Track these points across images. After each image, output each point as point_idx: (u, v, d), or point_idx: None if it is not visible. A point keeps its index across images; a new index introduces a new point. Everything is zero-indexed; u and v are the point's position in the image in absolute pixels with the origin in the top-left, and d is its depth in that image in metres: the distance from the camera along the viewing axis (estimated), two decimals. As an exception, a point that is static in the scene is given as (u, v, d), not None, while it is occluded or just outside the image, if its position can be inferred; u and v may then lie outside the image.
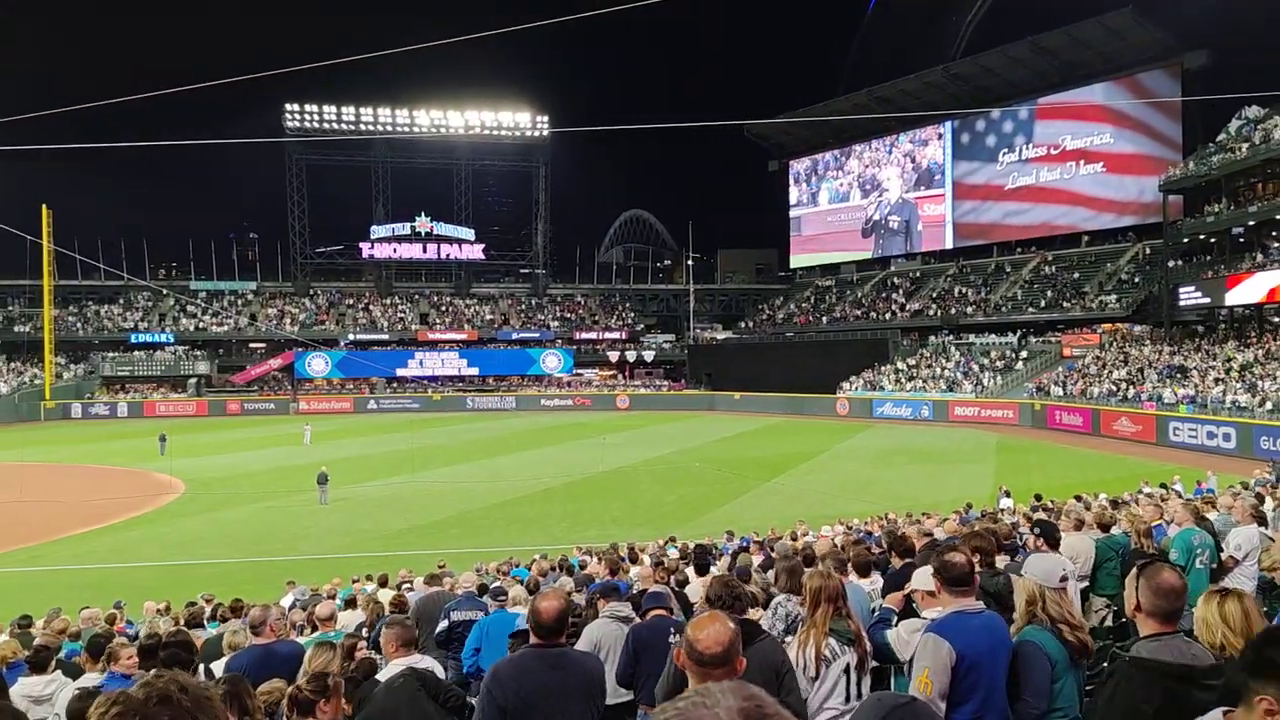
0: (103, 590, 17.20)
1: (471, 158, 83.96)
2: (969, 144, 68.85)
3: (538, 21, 12.40)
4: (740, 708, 0.76)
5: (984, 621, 3.85)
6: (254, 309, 76.58)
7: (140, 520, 27.22)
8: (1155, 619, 3.06)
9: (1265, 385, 36.05)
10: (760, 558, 12.49)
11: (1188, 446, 36.01)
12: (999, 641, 3.80)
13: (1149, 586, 3.07)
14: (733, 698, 0.77)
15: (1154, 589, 3.06)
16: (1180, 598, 3.05)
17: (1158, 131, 56.84)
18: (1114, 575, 8.07)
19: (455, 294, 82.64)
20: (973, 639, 3.69)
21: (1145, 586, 3.09)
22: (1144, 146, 57.54)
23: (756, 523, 22.04)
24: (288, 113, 74.32)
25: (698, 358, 75.06)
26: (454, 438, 48.44)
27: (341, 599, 12.45)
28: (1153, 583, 3.07)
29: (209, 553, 22.78)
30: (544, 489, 31.67)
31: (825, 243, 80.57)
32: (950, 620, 3.81)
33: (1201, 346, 44.42)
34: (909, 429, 49.32)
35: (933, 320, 64.24)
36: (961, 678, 3.59)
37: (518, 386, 72.99)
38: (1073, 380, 47.16)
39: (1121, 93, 57.84)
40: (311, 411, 63.26)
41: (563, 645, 4.17)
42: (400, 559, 19.20)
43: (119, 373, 68.49)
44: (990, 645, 3.73)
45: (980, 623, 3.82)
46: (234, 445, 45.56)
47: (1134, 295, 54.05)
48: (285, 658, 6.07)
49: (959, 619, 3.80)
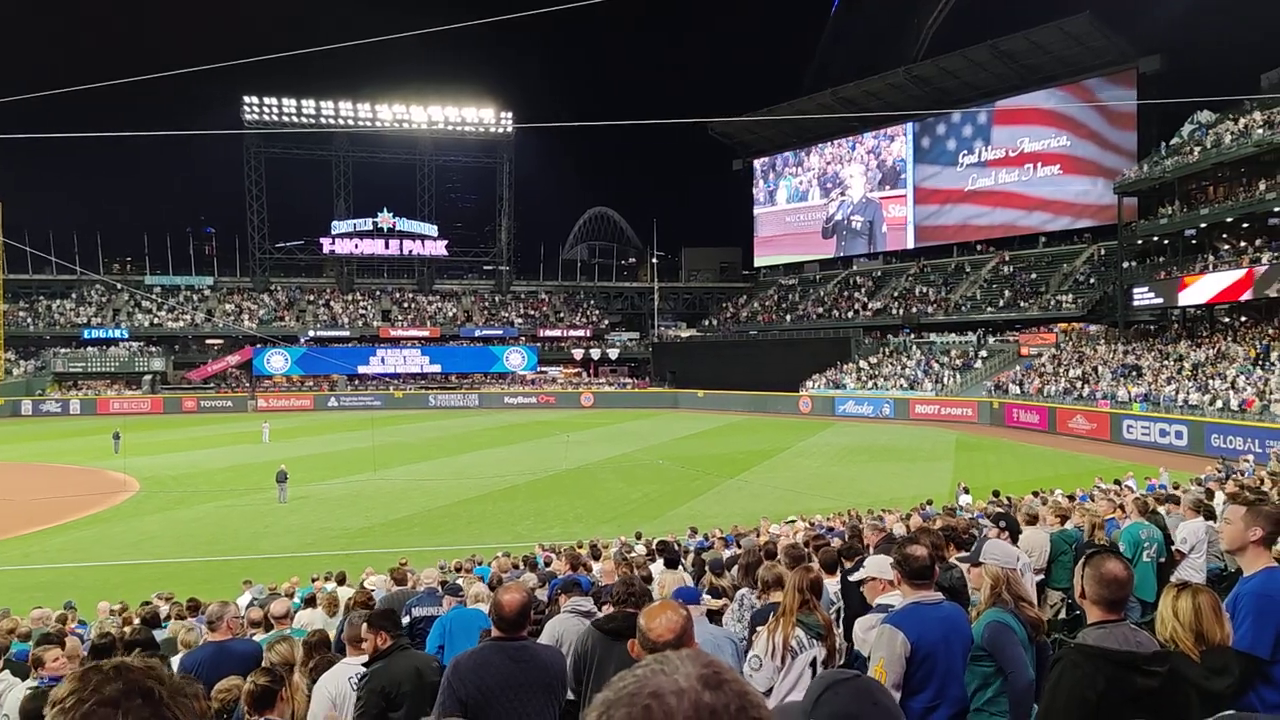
0: (54, 591, 16.84)
1: (435, 153, 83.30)
2: (929, 147, 69.69)
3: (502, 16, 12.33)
4: (699, 674, 0.78)
5: (941, 613, 3.91)
6: (211, 305, 75.31)
7: (93, 519, 26.66)
8: (1100, 607, 3.13)
9: (1216, 384, 36.93)
10: (727, 553, 12.55)
11: (1141, 444, 36.79)
12: (955, 632, 3.86)
13: (1093, 575, 3.14)
14: (691, 664, 0.79)
15: (1097, 578, 3.13)
16: (1124, 587, 3.11)
17: (1113, 135, 57.96)
18: (1068, 568, 8.23)
19: (418, 290, 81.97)
20: (928, 630, 3.75)
21: (1090, 575, 3.15)
22: (1100, 150, 58.64)
23: (720, 519, 22.14)
24: (246, 105, 73.07)
25: (662, 355, 75.18)
26: (416, 436, 48.05)
27: (300, 598, 12.31)
28: (1097, 572, 3.14)
29: (164, 552, 22.37)
30: (507, 487, 31.52)
31: (784, 244, 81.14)
32: (907, 611, 3.87)
33: (1154, 346, 45.39)
34: (870, 427, 49.82)
35: (894, 319, 64.98)
36: (916, 667, 3.65)
37: (481, 384, 72.55)
38: (1030, 379, 47.97)
39: (1078, 97, 58.87)
40: (270, 409, 62.38)
41: (524, 639, 4.15)
42: (361, 558, 19.04)
43: (71, 369, 66.97)
44: (945, 636, 3.80)
45: (937, 614, 3.88)
46: (190, 443, 44.79)
47: (1089, 296, 55.10)
48: (241, 656, 5.97)
49: (916, 610, 3.86)
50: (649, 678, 0.79)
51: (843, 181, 76.51)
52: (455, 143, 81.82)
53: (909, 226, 71.24)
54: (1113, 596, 3.11)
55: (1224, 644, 3.25)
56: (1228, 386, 36.19)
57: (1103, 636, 3.00)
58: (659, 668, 0.81)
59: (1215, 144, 43.68)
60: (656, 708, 0.75)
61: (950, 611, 3.97)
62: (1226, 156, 42.48)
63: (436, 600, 8.57)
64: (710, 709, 0.76)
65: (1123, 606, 3.15)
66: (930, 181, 69.43)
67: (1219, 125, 45.16)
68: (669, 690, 0.77)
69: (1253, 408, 33.71)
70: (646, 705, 0.76)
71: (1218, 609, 3.31)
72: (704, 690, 0.77)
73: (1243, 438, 32.04)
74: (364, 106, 76.14)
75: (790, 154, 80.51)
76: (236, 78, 71.45)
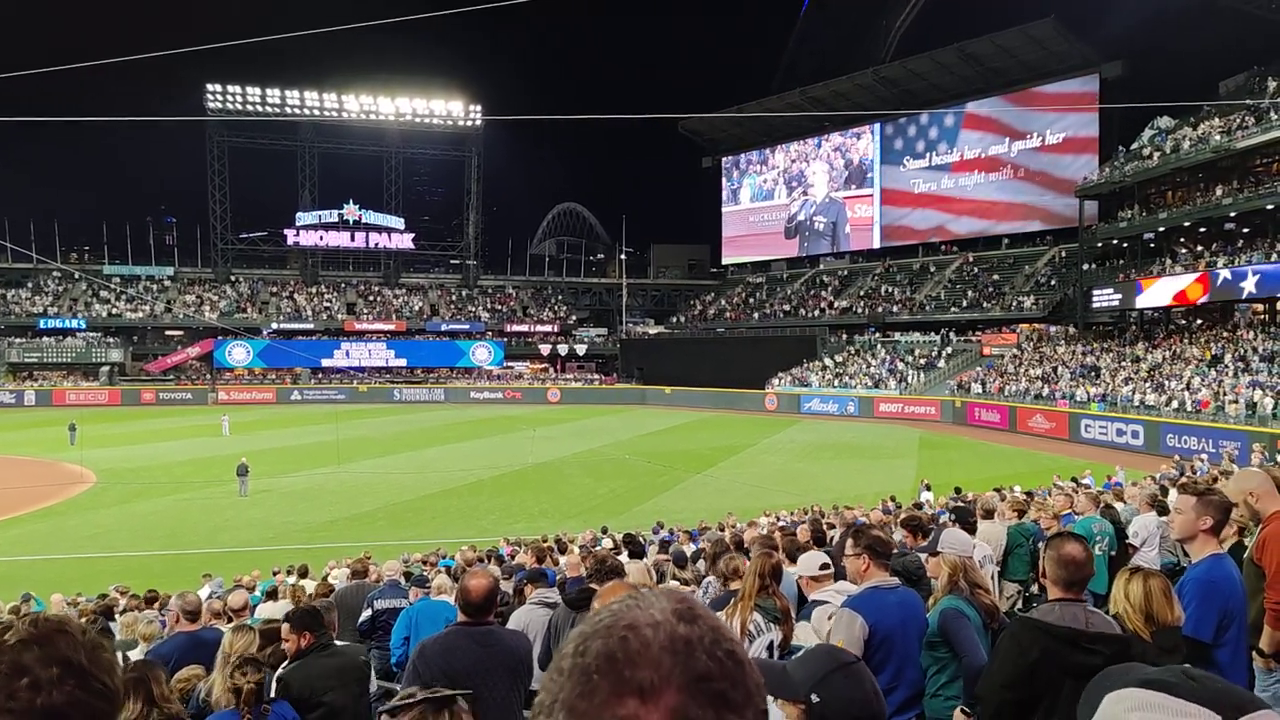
0: (7, 583, 16.54)
1: (402, 145, 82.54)
2: (898, 149, 70.34)
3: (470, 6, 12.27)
4: (674, 609, 0.81)
5: (899, 597, 4.01)
6: (171, 295, 74.04)
7: (48, 512, 26.17)
8: (1059, 586, 3.25)
9: (1172, 385, 37.72)
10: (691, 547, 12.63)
11: (1098, 443, 37.49)
12: (911, 616, 3.97)
13: (1053, 557, 3.26)
14: (665, 600, 0.82)
15: (1056, 559, 3.25)
16: (1082, 568, 3.23)
17: (1075, 140, 58.90)
18: (1025, 560, 8.42)
19: (384, 284, 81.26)
20: (886, 613, 3.85)
21: (1050, 557, 3.28)
22: (1062, 154, 59.57)
23: (686, 515, 22.24)
24: (209, 93, 71.80)
25: (630, 352, 75.23)
26: (380, 430, 47.66)
27: (262, 591, 12.20)
28: (1056, 553, 3.26)
29: (122, 545, 22.03)
30: (473, 481, 31.41)
31: (746, 245, 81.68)
32: (865, 595, 3.96)
33: (1113, 347, 46.24)
34: (835, 424, 50.25)
35: (860, 318, 65.56)
36: (875, 650, 3.74)
37: (447, 378, 72.08)
38: (991, 379, 48.66)
39: (1041, 101, 59.73)
40: (231, 402, 61.57)
41: (491, 623, 4.17)
42: (324, 552, 18.90)
43: (26, 359, 65.52)
44: (902, 620, 3.90)
45: (895, 598, 3.99)
46: (149, 436, 44.09)
47: (1050, 297, 56.00)
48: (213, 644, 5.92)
49: (874, 594, 3.96)
50: (624, 612, 0.81)
51: (806, 180, 77.01)
52: (423, 135, 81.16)
53: (875, 227, 71.89)
54: (1070, 577, 3.22)
55: (1175, 626, 3.37)
56: (1183, 388, 37.00)
57: (1047, 612, 3.15)
58: (634, 603, 0.83)
59: (1174, 149, 44.57)
60: (633, 639, 0.78)
61: (906, 596, 4.07)
62: (1185, 162, 43.36)
63: (400, 592, 8.55)
64: (685, 639, 0.78)
65: (1081, 587, 3.28)
66: (896, 183, 70.08)
67: (1178, 131, 46.08)
68: (645, 623, 0.79)
69: (1207, 408, 34.48)
70: (624, 636, 0.78)
71: (1168, 592, 3.43)
72: (679, 623, 0.80)
73: (1197, 438, 32.75)
74: (330, 97, 75.20)
75: (755, 153, 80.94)
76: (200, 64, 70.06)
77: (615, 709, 0.74)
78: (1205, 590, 3.66)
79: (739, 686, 0.78)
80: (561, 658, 0.80)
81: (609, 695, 0.75)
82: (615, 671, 0.76)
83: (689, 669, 0.77)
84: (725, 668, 0.79)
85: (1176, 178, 45.58)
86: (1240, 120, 41.35)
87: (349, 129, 79.02)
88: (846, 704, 2.00)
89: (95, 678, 1.22)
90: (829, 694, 2.00)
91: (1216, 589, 3.66)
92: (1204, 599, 3.61)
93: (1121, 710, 1.00)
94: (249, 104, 73.22)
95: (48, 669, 1.18)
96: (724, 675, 0.78)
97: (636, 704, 0.74)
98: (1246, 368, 36.28)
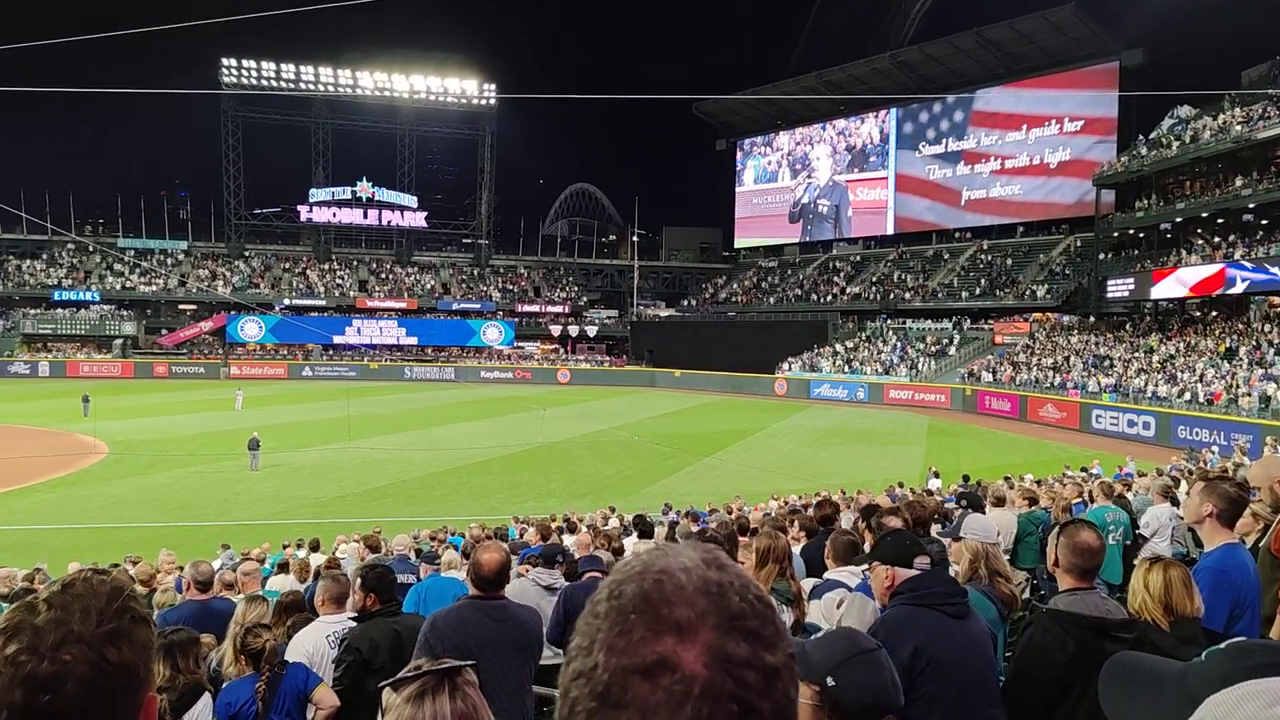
0: (20, 552, 16.71)
1: (416, 123, 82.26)
2: (911, 134, 69.76)
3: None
4: (702, 557, 0.83)
5: None
6: (184, 269, 74.31)
7: (61, 482, 26.40)
8: (1072, 575, 3.24)
9: (1185, 377, 37.49)
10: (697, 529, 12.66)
11: (1109, 434, 37.33)
12: None
13: (1067, 545, 3.25)
14: (693, 549, 0.84)
15: (1071, 547, 3.23)
16: (1096, 556, 3.23)
17: (1094, 127, 58.29)
18: (1034, 549, 8.40)
19: (396, 261, 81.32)
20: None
21: (1064, 544, 3.26)
22: (1080, 142, 58.98)
23: (694, 497, 22.28)
24: (224, 67, 71.83)
25: (640, 334, 75.17)
26: (391, 407, 47.84)
27: (272, 564, 12.30)
28: (1071, 541, 3.25)
29: (133, 516, 22.19)
30: (482, 460, 31.52)
31: (750, 226, 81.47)
32: None
33: (1125, 338, 45.96)
34: (845, 410, 50.19)
35: (872, 304, 65.32)
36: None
37: (457, 357, 72.24)
38: (1003, 367, 48.46)
39: (1061, 88, 59.13)
40: (243, 377, 61.83)
41: (503, 598, 4.20)
42: (333, 526, 19.00)
43: (41, 331, 65.99)
44: None
45: None
46: (161, 408, 44.36)
47: (1064, 286, 55.63)
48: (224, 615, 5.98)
49: None
50: (655, 559, 0.83)
51: (810, 164, 76.61)
52: (437, 113, 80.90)
53: (889, 213, 71.43)
54: (1085, 565, 3.22)
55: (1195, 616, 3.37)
56: (1196, 379, 36.76)
57: (1074, 602, 3.11)
58: (662, 552, 0.85)
59: (1194, 139, 44.08)
60: (668, 581, 0.80)
61: None
62: (1204, 152, 42.90)
63: (410, 567, 8.60)
64: (717, 582, 0.81)
65: (1094, 575, 3.27)
66: (912, 169, 69.53)
67: (1198, 121, 45.55)
68: (676, 568, 0.81)
69: (1220, 401, 34.28)
70: (658, 579, 0.80)
71: (1188, 583, 3.41)
72: (709, 568, 0.82)
73: (1209, 430, 32.61)
74: (345, 73, 75.10)
75: (762, 136, 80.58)
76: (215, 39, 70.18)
77: (654, 645, 0.76)
78: (1217, 580, 3.66)
79: (770, 625, 0.81)
80: (596, 604, 0.82)
81: (647, 633, 0.77)
82: (652, 610, 0.78)
83: (723, 608, 0.79)
84: (756, 609, 0.81)
85: (1195, 168, 45.12)
86: (1262, 110, 40.87)
87: (363, 106, 78.90)
88: (863, 691, 2.01)
89: (99, 651, 1.14)
90: (846, 679, 2.00)
91: (1228, 578, 3.66)
92: (1215, 589, 3.61)
93: (1260, 707, 0.89)
94: (264, 79, 73.08)
95: (46, 636, 1.12)
96: (756, 615, 0.81)
97: (674, 641, 0.76)
98: (1261, 361, 36.01)
